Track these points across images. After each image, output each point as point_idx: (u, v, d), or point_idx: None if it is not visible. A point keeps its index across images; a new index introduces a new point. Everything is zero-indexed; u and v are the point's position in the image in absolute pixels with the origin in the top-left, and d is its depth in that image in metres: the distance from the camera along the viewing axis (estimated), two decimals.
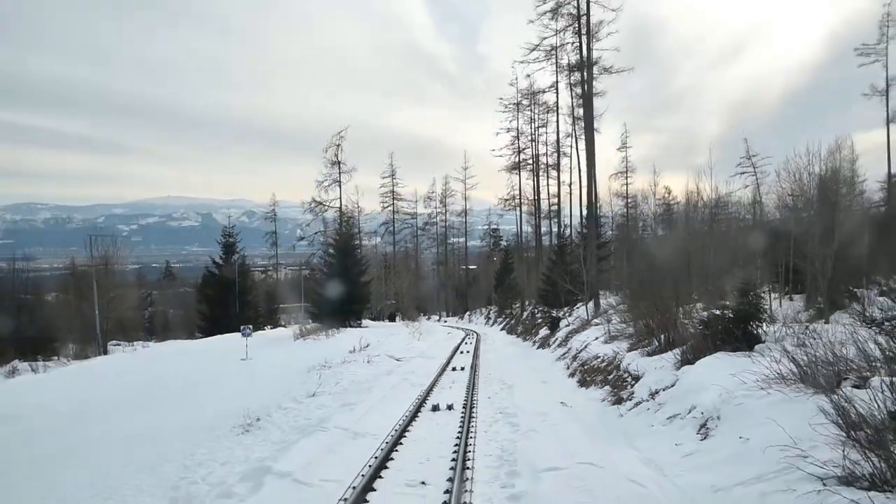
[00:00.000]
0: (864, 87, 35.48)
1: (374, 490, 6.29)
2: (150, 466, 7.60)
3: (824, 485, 5.82)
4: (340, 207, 43.97)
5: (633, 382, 12.92)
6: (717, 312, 12.78)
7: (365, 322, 38.97)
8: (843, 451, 5.91)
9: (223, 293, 44.75)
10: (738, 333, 11.72)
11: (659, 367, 12.64)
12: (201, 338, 40.41)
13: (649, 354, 14.10)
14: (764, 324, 12.20)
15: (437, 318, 74.26)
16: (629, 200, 49.65)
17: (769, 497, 6.14)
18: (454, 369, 18.06)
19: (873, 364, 7.93)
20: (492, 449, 8.04)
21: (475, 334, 36.93)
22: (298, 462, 6.99)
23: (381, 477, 6.73)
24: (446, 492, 6.15)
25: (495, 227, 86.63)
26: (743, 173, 40.19)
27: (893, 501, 5.20)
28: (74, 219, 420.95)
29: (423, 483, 6.54)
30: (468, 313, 71.80)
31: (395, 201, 72.86)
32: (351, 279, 36.49)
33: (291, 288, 74.95)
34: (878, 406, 5.94)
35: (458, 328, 47.29)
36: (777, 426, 7.05)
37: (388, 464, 7.26)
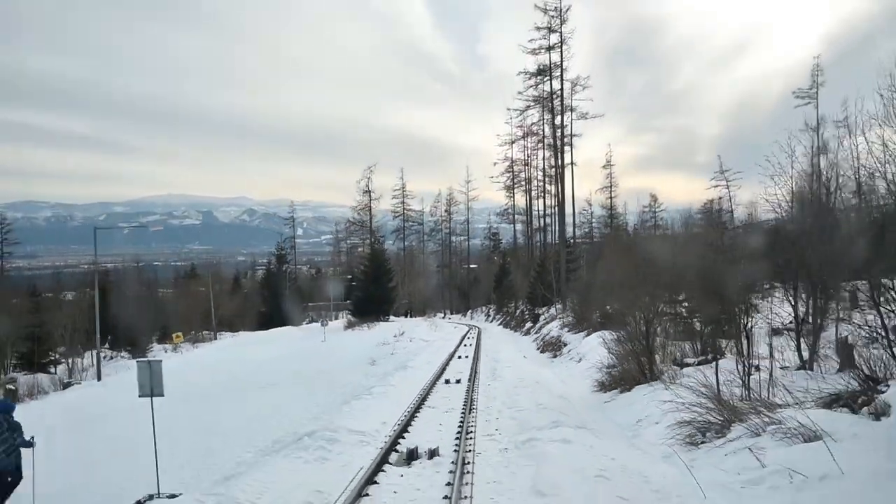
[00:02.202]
0: (800, 123, 44.34)
1: (442, 374, 17.51)
2: (351, 371, 18.76)
3: (599, 370, 17.06)
4: (370, 227, 55.04)
5: (563, 346, 24.12)
6: (608, 309, 23.88)
7: (391, 318, 50.06)
8: (608, 357, 17.08)
9: (274, 294, 56.03)
10: (615, 320, 22.80)
11: (577, 339, 23.82)
12: (259, 330, 51.54)
13: (575, 333, 25.26)
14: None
15: (442, 315, 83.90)
16: (612, 212, 61.03)
17: (585, 373, 17.36)
18: (465, 346, 29.12)
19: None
20: (486, 368, 19.22)
21: (477, 328, 47.75)
22: (413, 366, 18.18)
23: (444, 370, 17.93)
24: (469, 377, 17.30)
25: (495, 231, 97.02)
26: (717, 186, 50.09)
27: (614, 369, 16.34)
28: (76, 217, 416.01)
29: (460, 373, 17.72)
30: (470, 311, 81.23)
31: (405, 211, 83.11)
32: (382, 285, 47.74)
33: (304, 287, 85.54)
34: (635, 343, 17.07)
35: (462, 324, 58.08)
36: (600, 357, 18.19)
37: (445, 370, 18.45)
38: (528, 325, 42.69)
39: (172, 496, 6.94)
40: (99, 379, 21.84)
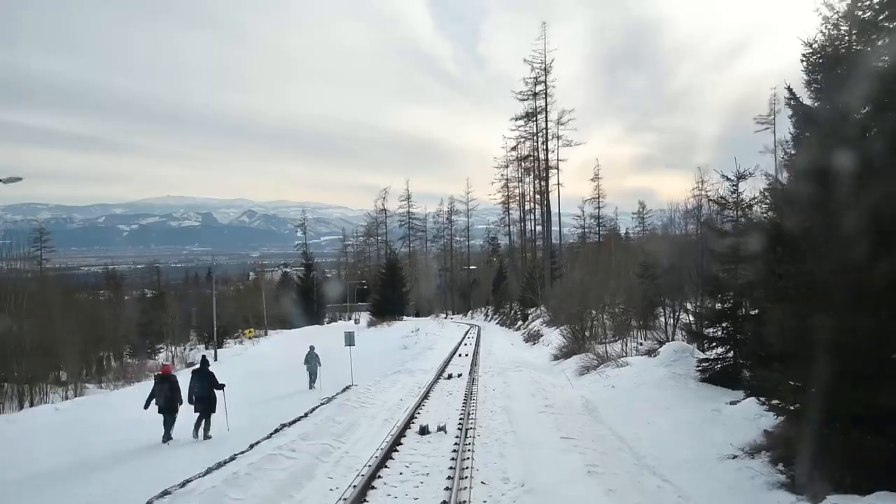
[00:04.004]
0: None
1: (456, 351, 26.73)
2: (393, 353, 27.92)
3: (556, 349, 26.38)
4: (386, 240, 64.20)
5: (540, 337, 33.36)
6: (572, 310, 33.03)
7: (404, 318, 59.19)
8: (564, 341, 26.42)
9: (302, 297, 65.17)
10: (573, 317, 31.98)
11: (549, 331, 33.03)
12: (291, 328, 60.55)
13: (550, 327, 34.44)
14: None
15: (445, 315, 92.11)
16: (599, 221, 70.30)
17: (548, 352, 26.62)
18: (469, 337, 38.28)
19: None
20: (484, 350, 28.43)
21: (477, 326, 56.79)
22: (435, 348, 27.39)
23: (456, 351, 27.16)
24: (473, 354, 26.51)
25: (493, 236, 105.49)
26: (698, 195, 58.68)
27: (564, 347, 25.67)
28: (75, 219, 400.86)
29: (468, 352, 26.95)
30: (470, 311, 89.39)
31: (410, 220, 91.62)
32: (397, 290, 57.04)
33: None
34: (576, 332, 26.37)
35: (464, 323, 67.05)
36: (559, 342, 27.50)
37: (457, 350, 27.67)
38: (520, 322, 51.84)
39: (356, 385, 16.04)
40: (216, 360, 30.79)
